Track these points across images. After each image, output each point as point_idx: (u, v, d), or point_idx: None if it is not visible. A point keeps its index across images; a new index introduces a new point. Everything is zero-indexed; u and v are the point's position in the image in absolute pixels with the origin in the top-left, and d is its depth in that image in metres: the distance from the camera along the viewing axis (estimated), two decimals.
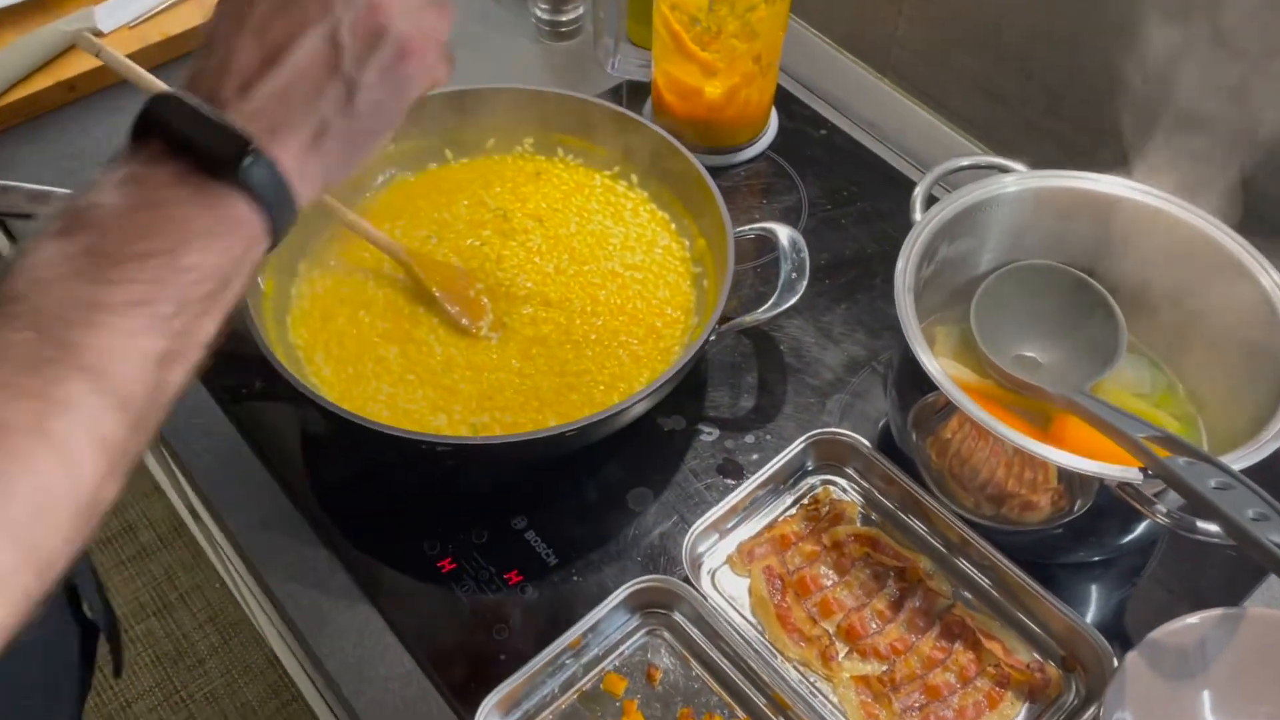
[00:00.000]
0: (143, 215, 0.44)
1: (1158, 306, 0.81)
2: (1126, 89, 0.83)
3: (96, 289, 0.42)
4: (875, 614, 0.74)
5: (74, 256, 0.42)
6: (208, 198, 0.45)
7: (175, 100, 0.46)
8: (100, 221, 0.44)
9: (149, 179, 0.45)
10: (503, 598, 0.75)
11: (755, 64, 0.96)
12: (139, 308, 0.42)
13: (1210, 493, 0.57)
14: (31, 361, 0.40)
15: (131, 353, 0.42)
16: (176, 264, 0.44)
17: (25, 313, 0.41)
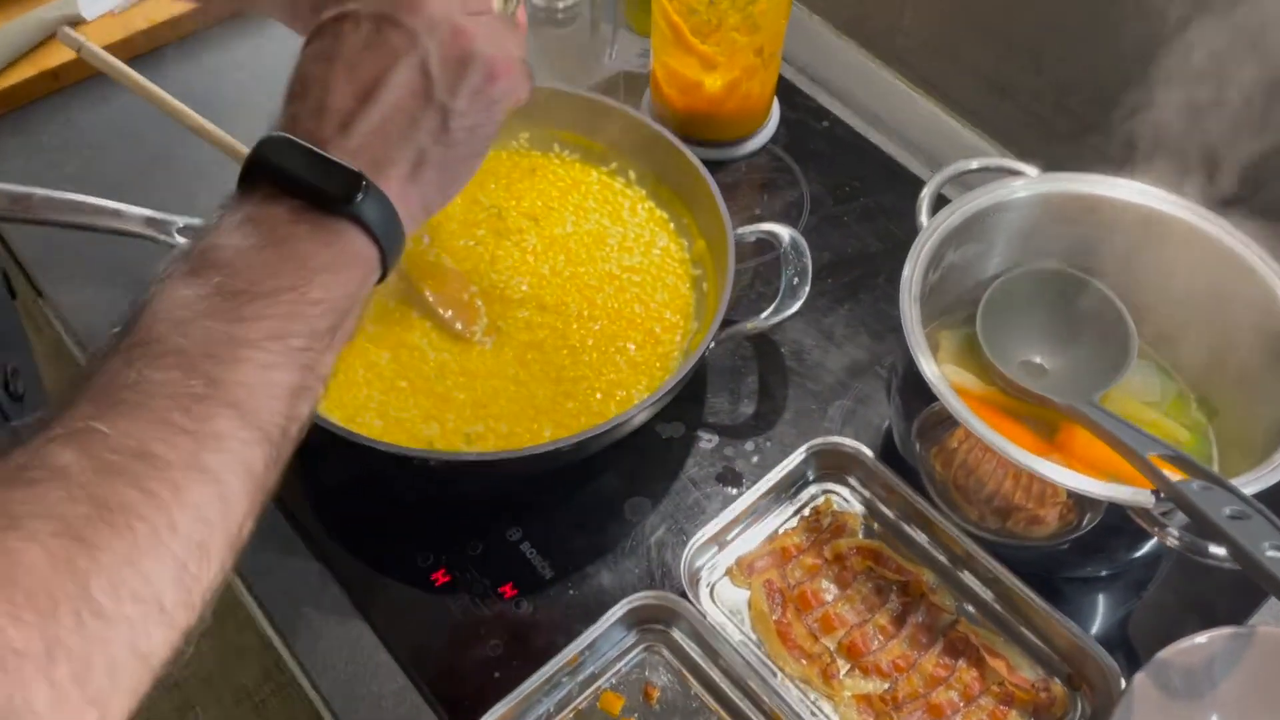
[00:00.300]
0: (268, 254, 0.46)
1: (1169, 313, 0.79)
2: (1140, 86, 0.81)
3: (234, 326, 0.44)
4: (877, 630, 0.73)
5: (207, 296, 0.44)
6: (325, 234, 0.47)
7: (283, 142, 0.48)
8: (228, 261, 0.45)
9: (267, 219, 0.47)
10: (498, 612, 0.73)
11: (757, 57, 0.93)
12: (275, 341, 0.45)
13: (1225, 522, 0.56)
14: (181, 398, 0.41)
15: (272, 387, 0.44)
16: (305, 298, 0.46)
17: (169, 352, 0.42)
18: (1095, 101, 0.88)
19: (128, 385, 0.41)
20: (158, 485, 0.39)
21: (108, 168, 0.99)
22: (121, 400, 0.41)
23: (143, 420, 0.40)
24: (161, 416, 0.41)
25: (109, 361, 0.43)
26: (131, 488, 0.39)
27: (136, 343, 0.43)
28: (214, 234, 0.47)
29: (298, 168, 0.47)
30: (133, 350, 0.43)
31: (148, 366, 0.42)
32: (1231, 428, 0.77)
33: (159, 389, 0.41)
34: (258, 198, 0.47)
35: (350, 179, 0.48)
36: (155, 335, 0.43)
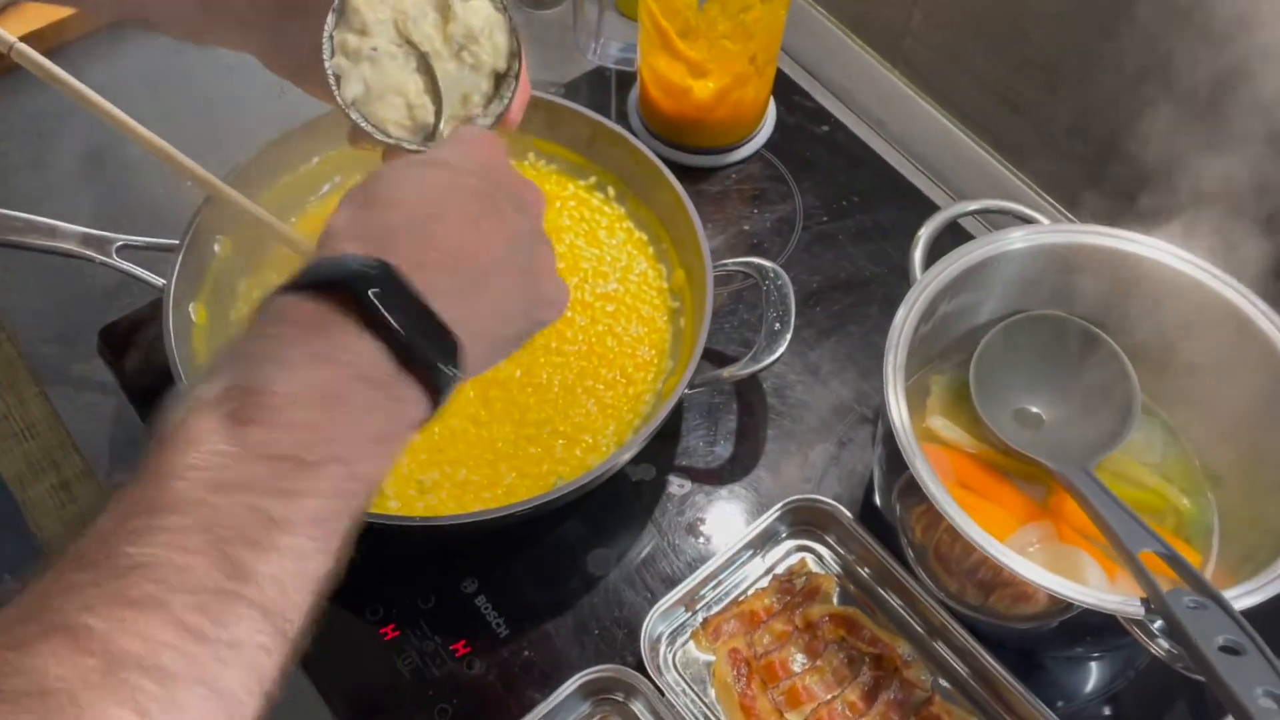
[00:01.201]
0: (326, 414, 0.40)
1: (1176, 373, 0.74)
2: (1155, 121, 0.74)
3: (274, 503, 0.38)
4: (847, 706, 0.69)
5: (250, 458, 0.38)
6: (393, 398, 0.42)
7: (394, 278, 0.42)
8: (280, 414, 0.39)
9: (342, 365, 0.40)
10: (448, 672, 0.70)
11: (750, 64, 0.86)
12: (315, 525, 0.39)
13: (1215, 656, 0.51)
14: (204, 594, 0.35)
15: (302, 579, 0.38)
16: (352, 474, 0.40)
17: (197, 527, 0.36)
18: (1111, 129, 0.82)
19: (141, 566, 0.35)
20: (157, 708, 0.33)
21: (30, 174, 0.93)
22: (131, 585, 0.34)
23: (155, 620, 0.34)
24: (176, 616, 0.34)
25: (120, 520, 0.36)
26: (124, 708, 0.32)
27: (156, 504, 0.36)
28: (269, 362, 0.40)
29: (402, 315, 0.41)
30: (153, 515, 0.36)
31: (169, 544, 0.35)
32: (1236, 500, 0.72)
33: (178, 579, 0.35)
34: (342, 330, 0.40)
35: (450, 345, 0.43)
36: (181, 500, 0.36)
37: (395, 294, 0.42)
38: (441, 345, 0.43)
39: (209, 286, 0.77)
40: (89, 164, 0.92)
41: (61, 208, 0.79)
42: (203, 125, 0.89)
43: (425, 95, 0.63)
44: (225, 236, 0.78)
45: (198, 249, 0.76)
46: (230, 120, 0.88)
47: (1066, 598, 0.58)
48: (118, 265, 0.75)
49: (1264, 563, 0.61)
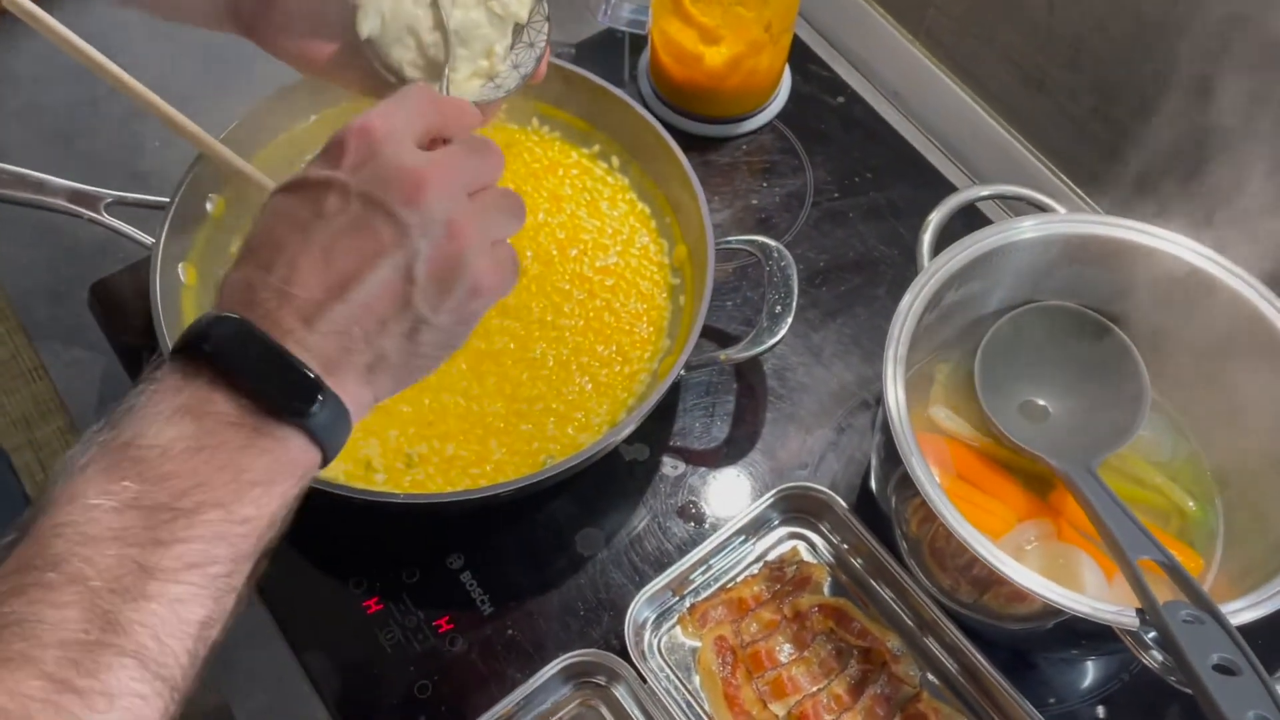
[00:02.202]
0: (199, 461, 0.40)
1: (1187, 368, 0.71)
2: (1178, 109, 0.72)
3: (148, 553, 0.38)
4: (832, 698, 0.68)
5: (123, 510, 0.38)
6: (267, 441, 0.42)
7: (239, 329, 0.43)
8: (152, 464, 0.40)
9: (205, 415, 0.41)
10: (430, 648, 0.69)
11: (764, 32, 0.83)
12: (192, 571, 0.39)
13: (1208, 675, 0.50)
14: (74, 648, 0.36)
15: (180, 625, 0.39)
16: (232, 516, 0.40)
17: (68, 581, 0.37)
18: (1135, 111, 0.79)
19: (15, 623, 0.36)
20: None
21: (21, 126, 0.91)
22: (3, 643, 0.35)
23: (23, 675, 0.35)
24: (46, 671, 0.35)
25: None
26: None
27: (31, 562, 0.37)
28: (139, 420, 0.40)
29: (251, 364, 0.42)
30: (25, 573, 0.37)
31: (40, 600, 0.36)
32: (1244, 505, 0.70)
33: (49, 634, 0.36)
34: (198, 385, 0.41)
35: (308, 386, 0.43)
36: (54, 555, 0.37)
37: (245, 347, 0.42)
38: (299, 388, 0.43)
39: (200, 246, 0.75)
40: (83, 116, 0.90)
41: (53, 160, 0.77)
42: (199, 78, 0.87)
43: (436, 31, 0.61)
44: (218, 195, 0.76)
45: (189, 207, 0.74)
46: (227, 74, 0.86)
47: (1059, 605, 0.57)
48: (107, 222, 0.74)
49: (1268, 574, 0.60)
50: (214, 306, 0.45)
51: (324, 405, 0.43)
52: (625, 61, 0.98)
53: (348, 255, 0.44)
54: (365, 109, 0.68)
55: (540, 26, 0.65)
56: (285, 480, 0.43)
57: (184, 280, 0.73)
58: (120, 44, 0.74)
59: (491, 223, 0.49)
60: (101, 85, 0.69)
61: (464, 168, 0.48)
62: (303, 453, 0.43)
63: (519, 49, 0.65)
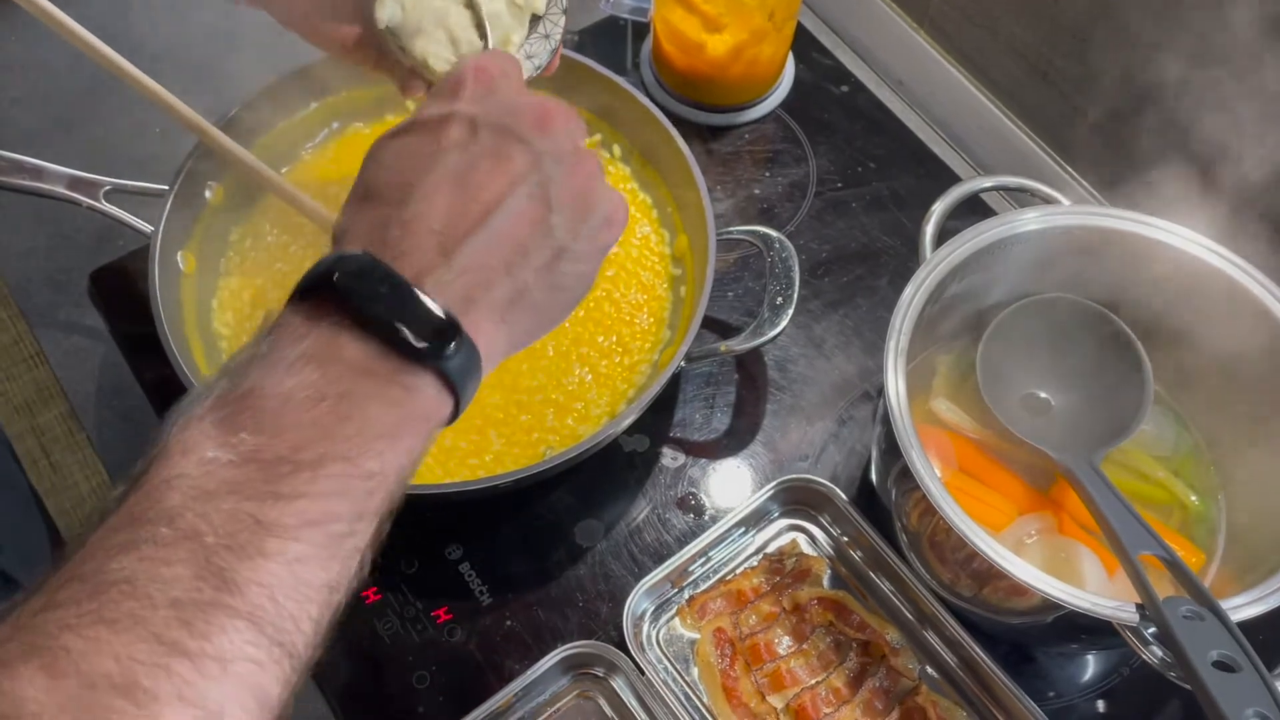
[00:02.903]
0: (322, 410, 0.37)
1: (1191, 362, 0.71)
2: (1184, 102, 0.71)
3: (265, 507, 0.35)
4: (831, 691, 0.68)
5: (241, 463, 0.36)
6: (396, 391, 0.39)
7: (369, 266, 0.40)
8: (272, 414, 0.37)
9: (330, 362, 0.38)
10: (429, 639, 0.69)
11: (768, 20, 0.83)
12: (311, 529, 0.36)
13: (1207, 671, 0.49)
14: (185, 607, 0.33)
15: (299, 587, 0.35)
16: (357, 470, 0.37)
17: (180, 538, 0.34)
18: (1140, 103, 0.78)
19: (122, 582, 0.33)
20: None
21: (22, 112, 0.91)
22: (110, 602, 0.33)
23: (131, 638, 0.32)
24: (154, 633, 0.33)
25: (107, 534, 0.35)
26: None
27: (144, 516, 0.35)
28: (260, 368, 0.38)
29: (382, 303, 0.39)
30: (136, 527, 0.34)
31: (151, 556, 0.34)
32: (1246, 499, 0.70)
33: (160, 593, 0.33)
34: (322, 329, 0.39)
35: (442, 327, 0.40)
36: (168, 509, 0.35)
37: (372, 282, 0.39)
38: (436, 329, 0.40)
39: (199, 234, 0.75)
40: (84, 103, 0.89)
41: (53, 147, 0.77)
42: (199, 65, 0.87)
43: (472, 29, 0.61)
44: (217, 183, 0.76)
45: (188, 195, 0.74)
46: (228, 60, 0.85)
47: (1058, 599, 0.57)
48: (105, 210, 0.73)
49: (1271, 570, 0.59)
50: (338, 240, 0.43)
51: (459, 347, 0.40)
52: (628, 49, 0.97)
53: (483, 183, 0.42)
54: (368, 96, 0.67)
55: (557, 19, 0.65)
56: (414, 433, 0.40)
57: (183, 268, 0.73)
58: (120, 31, 0.74)
59: (601, 167, 0.48)
60: (102, 72, 0.69)
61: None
62: (434, 402, 0.40)
63: (534, 40, 0.65)
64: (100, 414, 0.77)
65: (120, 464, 0.77)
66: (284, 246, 0.77)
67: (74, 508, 1.63)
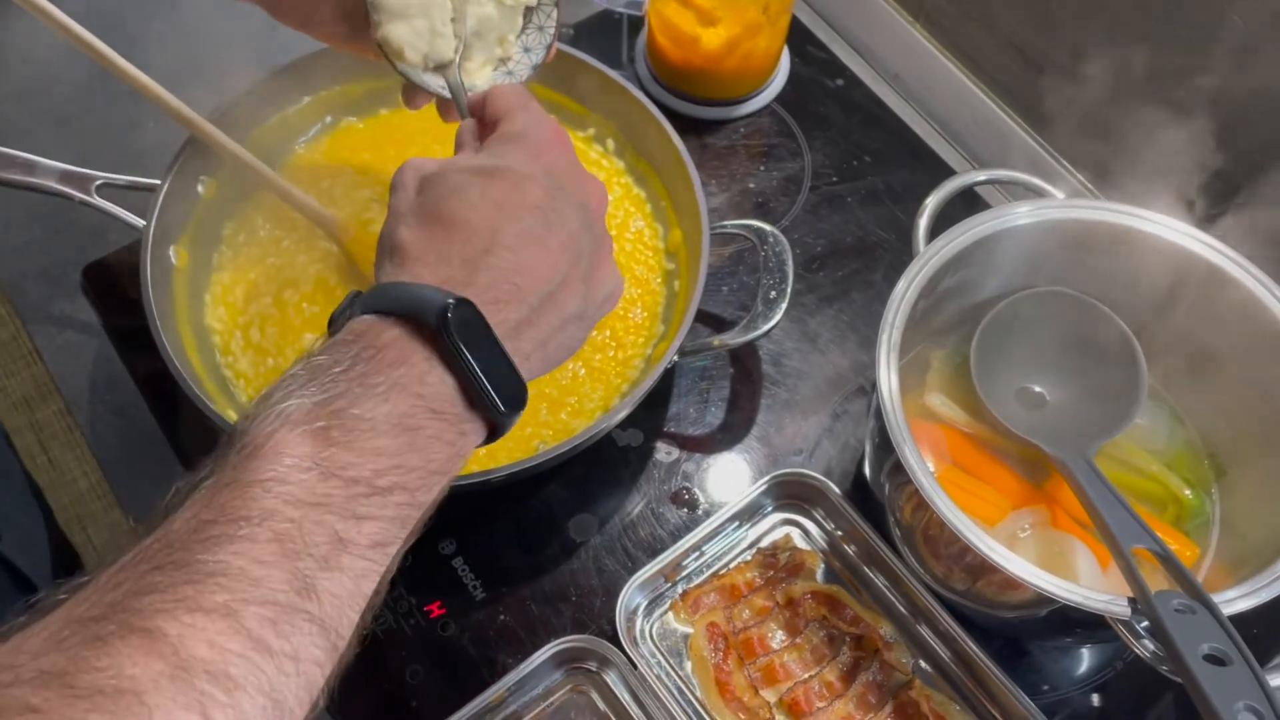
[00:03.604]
0: (400, 443, 0.41)
1: (1185, 355, 0.71)
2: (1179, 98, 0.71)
3: (346, 524, 0.39)
4: (824, 685, 0.68)
5: (328, 477, 0.39)
6: (453, 434, 0.43)
7: (477, 321, 0.44)
8: (360, 439, 0.40)
9: (417, 398, 0.42)
10: (421, 633, 0.69)
11: (762, 14, 0.82)
12: (376, 549, 0.40)
13: (1198, 665, 0.49)
14: (274, 608, 0.37)
15: (357, 598, 0.40)
16: (414, 501, 0.42)
17: (273, 540, 0.38)
18: (1136, 96, 0.78)
19: (217, 574, 0.36)
20: (221, 714, 0.34)
21: (16, 106, 0.90)
22: (206, 591, 0.36)
23: (225, 628, 0.35)
24: (245, 626, 0.36)
25: (200, 524, 0.37)
26: (191, 712, 0.34)
27: (236, 512, 0.37)
28: (358, 387, 0.41)
29: (482, 358, 0.43)
30: (232, 523, 0.37)
31: (245, 553, 0.37)
32: (1240, 493, 0.70)
33: (252, 591, 0.36)
34: (416, 361, 0.42)
35: (518, 391, 0.45)
36: (261, 511, 0.37)
37: (475, 334, 0.43)
38: (509, 388, 0.44)
39: (192, 229, 0.75)
40: (78, 98, 0.89)
41: (47, 142, 0.77)
42: (192, 59, 0.86)
43: (450, 25, 0.61)
44: (210, 178, 0.76)
45: (180, 189, 0.74)
46: (220, 55, 0.85)
47: (1050, 593, 0.56)
48: (97, 204, 0.73)
49: (1264, 563, 0.59)
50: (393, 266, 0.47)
51: (521, 407, 0.45)
52: (623, 43, 0.97)
53: (555, 249, 0.47)
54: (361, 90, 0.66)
55: (549, 11, 0.65)
56: (455, 470, 0.44)
57: (175, 263, 0.73)
58: (112, 26, 0.73)
59: None
60: (95, 67, 0.69)
61: None
62: (474, 443, 0.45)
63: (529, 32, 0.65)
64: (94, 408, 0.77)
65: (114, 458, 0.76)
66: (277, 241, 0.77)
67: (73, 504, 1.63)
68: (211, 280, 0.75)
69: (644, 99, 0.78)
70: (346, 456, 0.40)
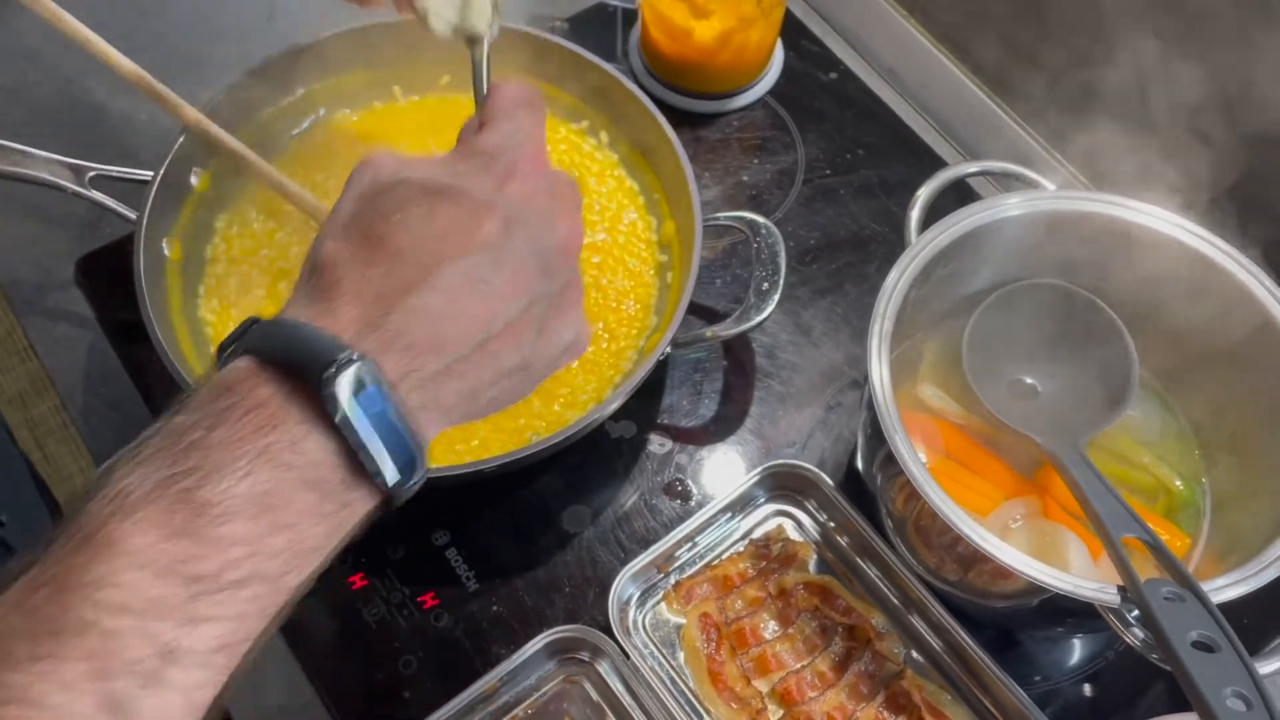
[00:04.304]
0: (261, 526, 0.35)
1: (1176, 346, 0.71)
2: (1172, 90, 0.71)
3: (181, 632, 0.34)
4: (816, 675, 0.68)
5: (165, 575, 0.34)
6: (333, 505, 0.37)
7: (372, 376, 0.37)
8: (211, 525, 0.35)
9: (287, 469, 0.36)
10: (415, 624, 0.69)
11: (756, 6, 0.83)
12: (221, 653, 0.35)
13: (1186, 652, 0.49)
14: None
15: (189, 712, 0.35)
16: (276, 589, 0.36)
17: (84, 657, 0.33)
18: (1128, 88, 0.78)
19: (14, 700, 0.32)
20: None
21: (9, 98, 0.90)
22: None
23: None
24: None
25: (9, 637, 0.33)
26: None
27: (47, 625, 0.33)
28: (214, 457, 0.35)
29: (375, 422, 0.37)
30: (40, 640, 0.33)
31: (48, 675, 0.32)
32: (1230, 483, 0.70)
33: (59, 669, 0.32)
34: (291, 425, 0.36)
35: (419, 460, 0.39)
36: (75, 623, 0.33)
37: (365, 394, 0.37)
38: (403, 455, 0.38)
39: (185, 221, 0.75)
40: (72, 91, 0.89)
41: (41, 135, 0.77)
42: (186, 50, 0.87)
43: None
44: (203, 170, 0.76)
45: (174, 182, 0.74)
46: (214, 46, 0.85)
47: (1040, 582, 0.57)
48: (90, 196, 0.73)
49: (1252, 552, 0.59)
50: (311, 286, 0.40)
51: (420, 476, 0.40)
52: (617, 36, 0.97)
53: (495, 295, 0.41)
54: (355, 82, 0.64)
55: None
56: (339, 542, 0.38)
57: (169, 255, 0.73)
58: (106, 17, 0.73)
59: None
60: (88, 59, 0.69)
61: None
62: (357, 516, 0.39)
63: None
64: (88, 401, 0.77)
65: (109, 453, 0.75)
66: (270, 233, 0.77)
67: (69, 500, 1.63)
68: (205, 272, 0.75)
69: (638, 92, 0.78)
70: (190, 548, 0.34)
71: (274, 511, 0.36)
